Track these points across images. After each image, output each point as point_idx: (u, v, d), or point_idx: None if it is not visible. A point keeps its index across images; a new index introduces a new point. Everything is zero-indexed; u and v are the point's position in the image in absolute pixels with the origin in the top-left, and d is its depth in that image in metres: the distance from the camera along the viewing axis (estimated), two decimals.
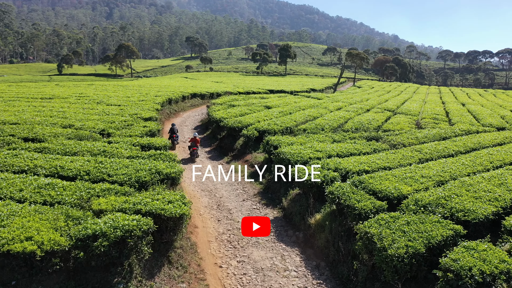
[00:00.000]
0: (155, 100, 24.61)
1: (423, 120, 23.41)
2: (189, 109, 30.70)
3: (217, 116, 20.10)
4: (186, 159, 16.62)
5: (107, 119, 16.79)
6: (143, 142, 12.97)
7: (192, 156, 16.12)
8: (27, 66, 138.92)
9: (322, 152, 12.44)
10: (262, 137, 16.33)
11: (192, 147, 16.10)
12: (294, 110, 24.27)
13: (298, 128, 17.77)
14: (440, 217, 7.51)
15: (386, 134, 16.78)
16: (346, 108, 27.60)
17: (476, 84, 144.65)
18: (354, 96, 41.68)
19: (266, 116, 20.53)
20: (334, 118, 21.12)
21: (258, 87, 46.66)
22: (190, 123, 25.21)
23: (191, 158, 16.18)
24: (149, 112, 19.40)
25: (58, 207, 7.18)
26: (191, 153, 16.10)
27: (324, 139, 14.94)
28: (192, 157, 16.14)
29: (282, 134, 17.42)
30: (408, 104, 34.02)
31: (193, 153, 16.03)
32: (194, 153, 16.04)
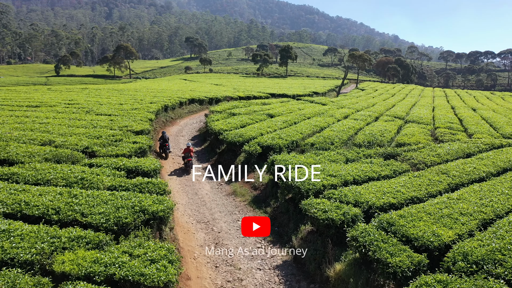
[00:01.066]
0: (150, 108, 22.91)
1: (438, 130, 21.71)
2: (186, 116, 29.00)
3: (216, 128, 18.40)
4: (180, 170, 15.68)
5: (93, 133, 15.09)
6: (130, 164, 11.26)
7: (187, 167, 15.43)
8: (25, 67, 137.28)
9: (337, 178, 10.73)
10: (266, 153, 14.65)
11: (186, 157, 15.45)
12: (299, 119, 22.58)
13: (306, 143, 16.07)
14: (503, 284, 5.79)
15: (403, 150, 15.07)
16: (353, 116, 25.91)
17: (478, 85, 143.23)
18: (360, 101, 39.99)
19: (269, 127, 18.83)
20: (342, 129, 19.42)
21: (259, 91, 44.98)
22: (187, 132, 23.51)
23: (186, 169, 15.49)
24: (141, 124, 17.69)
25: (4, 273, 5.47)
26: (186, 164, 15.41)
27: (336, 158, 13.24)
28: (187, 168, 15.45)
29: (288, 150, 15.73)
30: (417, 110, 32.30)
31: (188, 164, 15.33)
32: (189, 164, 15.33)
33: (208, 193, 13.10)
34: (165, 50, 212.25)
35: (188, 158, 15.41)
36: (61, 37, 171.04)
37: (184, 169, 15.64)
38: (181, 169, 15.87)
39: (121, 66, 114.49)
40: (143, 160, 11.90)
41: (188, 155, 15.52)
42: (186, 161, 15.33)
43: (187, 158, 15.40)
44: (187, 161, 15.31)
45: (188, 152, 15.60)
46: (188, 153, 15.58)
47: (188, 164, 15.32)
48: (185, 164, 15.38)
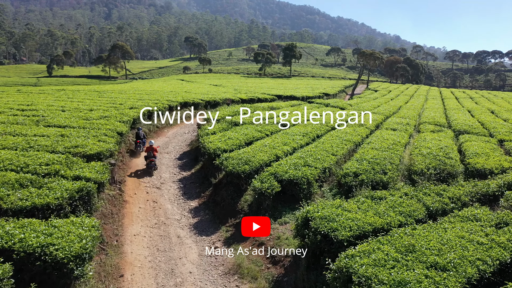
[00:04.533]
0: (125, 116, 17.48)
1: (508, 144, 16.27)
2: (177, 123, 23.57)
3: (210, 147, 12.92)
4: (143, 172, 13.72)
5: (21, 160, 9.67)
6: (36, 247, 5.84)
7: (149, 168, 13.78)
8: (18, 67, 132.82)
9: (432, 271, 5.30)
10: (288, 190, 9.29)
11: (149, 157, 13.89)
12: (321, 129, 17.15)
13: (345, 172, 10.62)
14: None
15: (503, 186, 9.63)
16: (386, 124, 20.45)
17: (486, 86, 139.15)
18: (380, 104, 34.56)
19: (285, 144, 13.39)
20: (385, 145, 13.99)
21: (263, 92, 39.56)
22: (175, 147, 18.08)
23: (148, 171, 13.79)
24: (102, 142, 12.24)
25: None
26: (148, 165, 13.81)
27: (410, 210, 7.77)
28: (148, 170, 13.78)
29: (319, 183, 10.32)
30: (455, 115, 26.77)
31: (150, 165, 13.76)
32: (151, 165, 13.77)
33: (194, 270, 7.67)
34: (164, 50, 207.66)
35: (150, 158, 13.79)
36: (56, 37, 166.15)
37: (146, 171, 13.81)
38: (144, 171, 13.82)
39: (117, 66, 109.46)
40: (73, 226, 6.47)
41: (151, 154, 13.88)
42: (148, 161, 13.78)
43: (150, 158, 13.81)
44: (149, 161, 13.77)
45: (151, 151, 13.95)
46: (150, 152, 13.91)
47: (150, 165, 13.72)
48: (147, 165, 13.77)
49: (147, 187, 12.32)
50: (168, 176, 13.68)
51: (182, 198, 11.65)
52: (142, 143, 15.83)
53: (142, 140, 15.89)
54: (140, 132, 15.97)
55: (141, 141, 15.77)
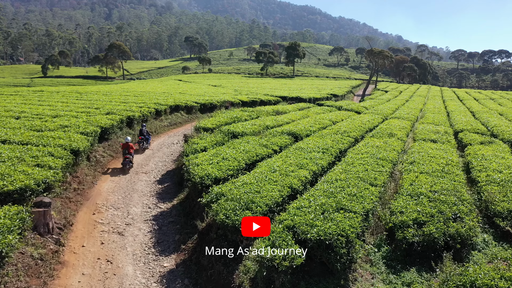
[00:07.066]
0: (91, 125, 13.72)
1: None
2: (165, 131, 19.80)
3: (197, 173, 9.03)
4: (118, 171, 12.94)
5: None
6: None
7: (124, 166, 13.11)
8: (13, 67, 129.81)
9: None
10: (315, 256, 5.55)
11: (124, 154, 13.29)
12: (344, 143, 13.31)
13: (401, 220, 6.83)
14: None
15: None
16: (419, 133, 16.56)
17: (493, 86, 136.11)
18: (396, 106, 30.78)
19: (301, 167, 9.59)
20: (437, 167, 10.19)
21: (266, 93, 35.80)
22: (157, 164, 14.29)
23: (123, 169, 13.12)
24: (33, 173, 8.39)
25: None
26: (123, 162, 13.13)
27: None
28: (124, 168, 13.12)
29: (362, 241, 6.55)
30: (490, 119, 22.81)
31: (125, 162, 13.11)
32: (126, 162, 13.11)
33: None
34: (165, 50, 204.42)
35: (125, 155, 13.26)
36: (53, 36, 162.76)
37: (122, 169, 13.17)
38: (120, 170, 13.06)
39: (114, 66, 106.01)
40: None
41: (126, 151, 13.30)
42: (124, 159, 13.24)
43: (125, 155, 13.29)
44: (124, 158, 13.24)
45: (127, 148, 13.34)
46: (126, 149, 13.32)
47: (125, 163, 13.16)
48: (122, 162, 13.18)
49: (105, 232, 8.52)
50: (139, 211, 9.89)
51: (153, 252, 7.86)
52: (145, 140, 15.78)
53: (145, 136, 15.85)
54: (144, 129, 16.08)
55: (143, 137, 15.71)
